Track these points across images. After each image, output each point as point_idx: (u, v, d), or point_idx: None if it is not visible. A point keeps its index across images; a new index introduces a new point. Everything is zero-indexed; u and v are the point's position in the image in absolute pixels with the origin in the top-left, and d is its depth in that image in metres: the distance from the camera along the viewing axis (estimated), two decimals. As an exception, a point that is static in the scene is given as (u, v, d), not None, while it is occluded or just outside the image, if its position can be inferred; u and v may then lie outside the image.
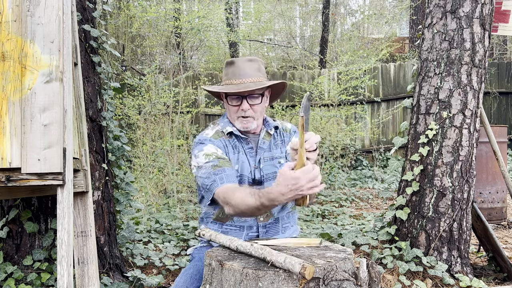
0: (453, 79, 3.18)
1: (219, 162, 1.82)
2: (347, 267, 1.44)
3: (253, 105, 1.91)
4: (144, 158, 6.28)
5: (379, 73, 9.17)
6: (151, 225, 4.28)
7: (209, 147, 1.89)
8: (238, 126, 1.93)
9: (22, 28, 1.86)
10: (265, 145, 1.99)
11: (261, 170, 1.95)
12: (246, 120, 1.91)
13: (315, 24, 14.56)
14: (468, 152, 3.17)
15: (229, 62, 1.95)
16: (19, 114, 1.83)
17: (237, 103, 1.91)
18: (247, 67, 1.91)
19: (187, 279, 1.80)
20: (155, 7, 8.68)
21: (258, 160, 1.96)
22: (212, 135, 1.95)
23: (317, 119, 7.66)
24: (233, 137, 1.96)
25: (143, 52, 9.80)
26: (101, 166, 2.90)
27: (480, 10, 3.16)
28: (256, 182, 1.94)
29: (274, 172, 1.97)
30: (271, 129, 2.02)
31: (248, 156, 1.96)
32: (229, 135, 1.96)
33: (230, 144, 1.95)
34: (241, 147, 1.96)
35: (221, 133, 1.97)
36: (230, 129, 1.95)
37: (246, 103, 1.89)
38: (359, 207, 6.12)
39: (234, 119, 1.94)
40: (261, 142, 1.98)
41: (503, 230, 4.63)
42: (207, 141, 1.91)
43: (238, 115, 1.92)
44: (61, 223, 1.83)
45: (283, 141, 2.05)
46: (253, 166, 1.95)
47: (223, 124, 1.99)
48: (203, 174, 1.82)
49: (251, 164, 1.95)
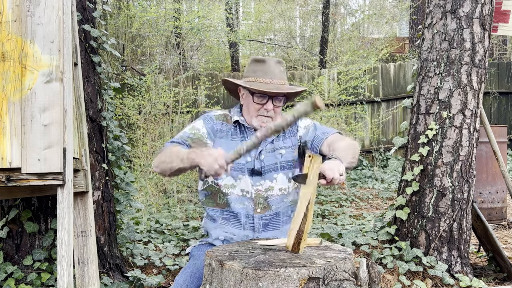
0: (453, 79, 3.18)
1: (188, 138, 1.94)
2: (347, 267, 1.44)
3: (276, 106, 1.95)
4: (144, 158, 6.28)
5: (379, 73, 9.17)
6: (151, 225, 4.28)
7: (200, 123, 2.00)
8: (255, 123, 1.96)
9: (22, 28, 1.86)
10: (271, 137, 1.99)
11: (261, 160, 1.97)
12: (266, 119, 1.94)
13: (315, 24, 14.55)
14: (468, 152, 3.17)
15: (259, 60, 1.97)
16: (19, 114, 1.83)
17: (262, 102, 1.93)
18: (276, 68, 1.95)
19: (187, 278, 1.80)
20: (155, 7, 8.68)
21: (260, 151, 1.97)
22: (217, 114, 2.03)
23: (317, 119, 7.66)
24: (236, 125, 2.00)
25: (143, 52, 9.80)
26: (101, 166, 2.90)
27: (480, 10, 3.16)
28: (256, 172, 1.96)
29: (274, 164, 1.98)
30: None
31: None
32: (235, 122, 2.00)
33: (230, 130, 2.00)
34: (244, 137, 1.99)
35: (227, 117, 2.03)
36: (237, 118, 1.99)
37: (271, 104, 1.93)
38: (359, 207, 6.12)
39: (253, 116, 1.96)
40: None
41: (503, 230, 4.63)
42: (205, 117, 2.02)
43: (260, 113, 1.94)
44: (61, 223, 1.83)
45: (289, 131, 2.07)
46: (253, 156, 1.96)
47: (234, 111, 2.04)
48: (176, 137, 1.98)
49: (251, 154, 1.96)
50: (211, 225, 2.01)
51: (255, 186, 1.95)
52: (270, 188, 1.96)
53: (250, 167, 1.96)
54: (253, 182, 1.95)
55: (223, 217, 1.97)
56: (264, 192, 1.95)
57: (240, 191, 1.94)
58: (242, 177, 1.94)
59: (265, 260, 1.44)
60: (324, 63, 10.73)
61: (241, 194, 1.94)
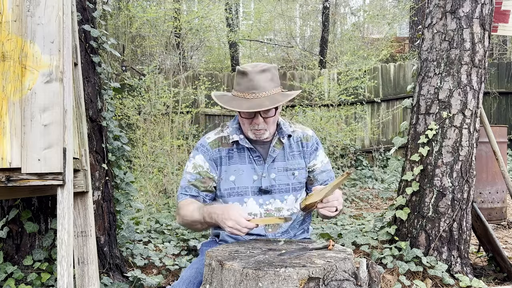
0: (453, 79, 3.18)
1: (195, 180, 1.92)
2: (347, 267, 1.44)
3: (266, 118, 1.87)
4: (144, 158, 6.28)
5: (379, 73, 9.16)
6: (151, 225, 4.28)
7: (199, 158, 1.94)
8: (251, 136, 1.90)
9: (22, 28, 1.86)
10: (275, 153, 1.95)
11: (272, 179, 1.92)
12: (259, 131, 1.88)
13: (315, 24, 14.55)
14: (468, 152, 3.17)
15: (241, 72, 1.84)
16: (19, 114, 1.83)
17: (250, 117, 1.86)
18: (260, 79, 1.81)
19: (192, 273, 1.79)
20: (155, 7, 8.68)
21: (266, 168, 1.92)
22: (211, 141, 1.95)
23: (317, 120, 7.66)
24: (236, 146, 1.94)
25: (143, 52, 9.80)
26: (101, 166, 2.90)
27: (480, 10, 3.16)
28: (263, 191, 1.91)
29: (287, 184, 1.94)
30: (284, 137, 1.97)
31: (256, 164, 1.92)
32: (233, 143, 1.94)
33: (228, 154, 1.93)
34: (247, 156, 1.93)
35: (223, 140, 1.94)
36: (237, 138, 1.92)
37: (259, 118, 1.85)
38: (359, 207, 6.12)
39: (247, 129, 1.90)
40: (271, 150, 1.94)
41: (503, 230, 4.63)
42: (201, 148, 1.96)
43: (251, 128, 1.88)
44: (61, 223, 1.83)
45: (301, 151, 2.00)
46: (260, 175, 1.91)
47: (231, 130, 1.95)
48: (182, 182, 1.95)
49: (258, 172, 1.91)
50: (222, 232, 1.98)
51: (265, 206, 1.90)
52: (280, 209, 1.92)
53: (257, 185, 1.91)
54: (262, 201, 1.91)
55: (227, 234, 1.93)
56: (274, 211, 1.91)
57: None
58: (247, 200, 1.90)
59: (265, 260, 1.44)
60: (324, 63, 10.73)
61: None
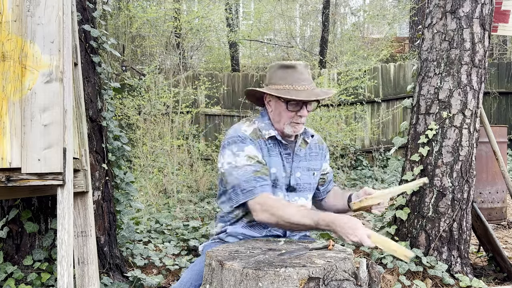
0: (453, 79, 3.18)
1: (260, 168, 1.82)
2: (347, 267, 1.44)
3: (309, 111, 1.92)
4: (144, 158, 6.28)
5: (379, 73, 9.16)
6: (151, 225, 4.28)
7: (251, 148, 1.85)
8: (289, 130, 1.91)
9: (22, 28, 1.86)
10: (301, 152, 1.99)
11: (298, 178, 1.95)
12: (298, 126, 1.91)
13: (315, 24, 14.55)
14: (468, 152, 3.17)
15: (288, 65, 1.90)
16: (19, 114, 1.83)
17: (295, 109, 1.87)
18: (306, 73, 1.90)
19: (193, 276, 1.79)
20: (155, 7, 8.68)
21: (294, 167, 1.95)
22: (250, 133, 1.90)
23: (317, 119, 7.66)
24: (269, 140, 1.93)
25: (143, 52, 9.80)
26: (101, 166, 2.89)
27: (480, 10, 3.16)
28: (291, 188, 1.93)
29: (309, 183, 1.98)
30: (308, 137, 2.02)
31: (285, 161, 1.94)
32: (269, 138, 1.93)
33: (266, 146, 1.92)
34: (279, 152, 1.94)
35: (259, 132, 1.92)
36: (273, 133, 1.92)
37: (305, 110, 1.88)
38: (359, 207, 6.11)
39: (285, 123, 1.90)
40: (298, 149, 1.98)
41: (503, 230, 4.63)
42: (247, 141, 1.86)
43: (293, 121, 1.89)
44: (61, 223, 1.83)
45: (318, 154, 2.07)
46: (288, 172, 1.94)
47: (265, 126, 1.94)
48: (242, 176, 1.80)
49: (287, 169, 1.94)
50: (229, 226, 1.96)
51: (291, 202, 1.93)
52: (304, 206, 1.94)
53: (285, 182, 1.93)
54: (288, 198, 1.93)
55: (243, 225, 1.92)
56: None
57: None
58: (280, 194, 1.91)
59: (265, 260, 1.44)
60: (324, 63, 10.73)
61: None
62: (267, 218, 1.75)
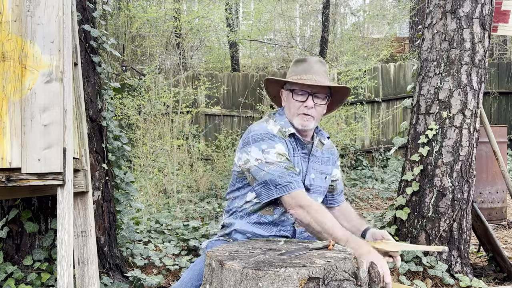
0: (453, 79, 3.18)
1: (291, 165, 1.83)
2: (347, 267, 1.44)
3: (317, 104, 1.90)
4: (144, 158, 6.28)
5: (379, 73, 9.16)
6: (151, 225, 4.28)
7: (280, 146, 1.85)
8: (297, 123, 1.91)
9: (22, 28, 1.86)
10: (317, 153, 1.99)
11: (312, 179, 1.95)
12: (307, 117, 1.89)
13: (315, 24, 14.55)
14: (468, 152, 3.17)
15: (300, 59, 1.95)
16: (19, 114, 1.83)
17: (302, 99, 1.89)
18: (317, 66, 1.92)
19: (194, 275, 1.78)
20: (155, 7, 8.68)
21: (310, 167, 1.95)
22: (276, 131, 1.91)
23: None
24: (292, 138, 1.94)
25: (143, 52, 9.80)
26: (101, 166, 2.90)
27: (480, 10, 3.16)
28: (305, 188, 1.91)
29: (320, 186, 1.98)
30: (324, 138, 2.02)
31: (302, 160, 1.95)
32: (290, 136, 1.94)
33: (291, 145, 1.93)
34: (297, 151, 1.94)
35: (283, 131, 1.93)
36: (293, 131, 1.92)
37: (311, 100, 1.88)
38: (359, 207, 6.12)
39: (294, 115, 1.91)
40: (314, 149, 1.98)
41: (503, 230, 4.63)
42: (276, 139, 1.86)
43: (300, 112, 1.89)
44: (61, 223, 1.83)
45: (330, 159, 2.07)
46: (304, 172, 1.94)
47: (284, 123, 1.94)
48: (275, 172, 1.79)
49: (303, 168, 1.94)
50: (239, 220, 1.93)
51: None
52: None
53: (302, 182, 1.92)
54: None
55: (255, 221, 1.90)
56: None
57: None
58: None
59: (265, 260, 1.44)
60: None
61: None
62: (302, 215, 1.73)
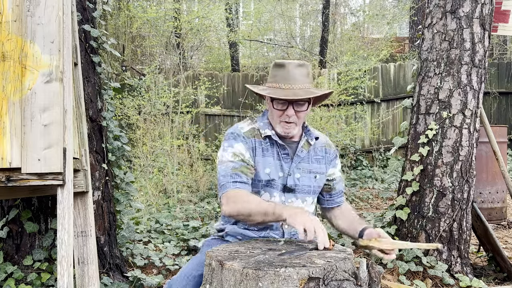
0: (453, 79, 3.18)
1: (240, 166, 1.83)
2: (347, 267, 1.44)
3: (298, 111, 1.87)
4: (144, 158, 6.28)
5: (379, 73, 9.16)
6: (151, 225, 4.28)
7: (239, 146, 1.87)
8: (279, 130, 1.90)
9: (22, 28, 1.86)
10: (303, 153, 1.95)
11: (296, 179, 1.92)
12: (289, 125, 1.88)
13: (315, 24, 14.56)
14: (468, 152, 3.17)
15: (279, 64, 1.90)
16: (19, 114, 1.83)
17: (282, 108, 1.86)
18: (297, 72, 1.87)
19: (193, 266, 1.78)
20: (155, 7, 8.68)
21: (293, 167, 1.93)
22: (246, 131, 1.92)
23: (317, 119, 7.66)
24: (267, 140, 1.93)
25: (143, 52, 9.81)
26: (101, 166, 2.90)
27: (480, 10, 3.16)
28: (287, 189, 1.91)
29: (309, 186, 1.95)
30: (312, 139, 1.99)
31: (283, 161, 1.92)
32: (265, 138, 1.93)
33: (261, 146, 1.91)
34: (276, 152, 1.93)
35: (256, 131, 1.93)
36: (269, 133, 1.91)
37: (291, 109, 1.85)
38: (359, 207, 6.12)
39: (276, 122, 1.90)
40: (299, 150, 1.95)
41: (503, 230, 4.63)
42: (239, 138, 1.89)
43: (282, 119, 1.88)
44: (61, 223, 1.83)
45: (324, 158, 2.01)
46: (286, 172, 1.92)
47: (263, 125, 1.95)
48: (221, 171, 1.84)
49: (284, 170, 1.92)
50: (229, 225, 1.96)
51: (287, 203, 1.91)
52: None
53: (282, 182, 1.91)
54: (284, 198, 1.91)
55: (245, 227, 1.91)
56: None
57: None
58: (276, 195, 1.90)
59: (265, 260, 1.44)
60: (324, 63, 10.73)
61: None
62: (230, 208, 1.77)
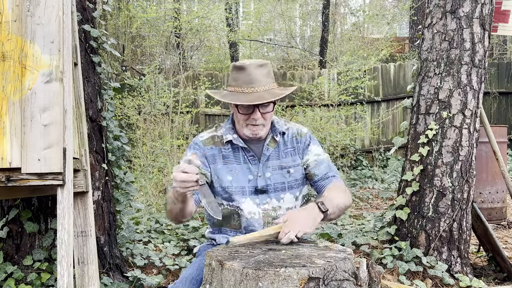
0: (453, 79, 3.18)
1: None
2: (347, 267, 1.44)
3: (264, 113, 1.84)
4: (144, 158, 6.28)
5: (379, 73, 9.16)
6: (151, 225, 4.28)
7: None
8: (247, 133, 1.87)
9: (22, 28, 1.86)
10: (268, 152, 1.92)
11: (268, 179, 1.90)
12: (256, 127, 1.85)
13: (315, 24, 14.56)
14: (468, 152, 3.17)
15: (239, 67, 1.84)
16: (19, 114, 1.83)
17: (248, 112, 1.83)
18: (258, 73, 1.82)
19: (194, 271, 1.79)
20: (155, 7, 8.68)
21: (261, 167, 1.90)
22: (204, 139, 1.93)
23: (317, 120, 7.66)
24: (228, 145, 1.91)
25: (143, 52, 9.81)
26: (101, 166, 2.90)
27: (480, 10, 3.16)
28: (260, 191, 1.89)
29: (282, 183, 1.91)
30: (277, 135, 1.95)
31: (251, 164, 1.90)
32: (226, 143, 1.91)
33: (222, 153, 1.90)
34: (242, 156, 1.91)
35: (215, 138, 1.92)
36: (230, 138, 1.90)
37: (257, 113, 1.82)
38: (359, 207, 6.12)
39: (243, 126, 1.87)
40: (265, 149, 1.92)
41: (503, 230, 4.63)
42: (193, 147, 1.92)
43: (248, 123, 1.85)
44: (61, 223, 1.83)
45: (295, 148, 1.97)
46: (255, 174, 1.89)
47: (225, 130, 1.93)
48: None
49: (253, 172, 1.90)
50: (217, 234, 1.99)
51: (262, 205, 1.89)
52: (277, 208, 1.90)
53: (253, 185, 1.89)
54: (259, 201, 1.89)
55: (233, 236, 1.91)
56: (271, 211, 1.89)
57: (248, 214, 1.88)
58: (245, 200, 1.88)
59: (265, 260, 1.44)
60: (324, 63, 10.73)
61: (250, 216, 1.87)
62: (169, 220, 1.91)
